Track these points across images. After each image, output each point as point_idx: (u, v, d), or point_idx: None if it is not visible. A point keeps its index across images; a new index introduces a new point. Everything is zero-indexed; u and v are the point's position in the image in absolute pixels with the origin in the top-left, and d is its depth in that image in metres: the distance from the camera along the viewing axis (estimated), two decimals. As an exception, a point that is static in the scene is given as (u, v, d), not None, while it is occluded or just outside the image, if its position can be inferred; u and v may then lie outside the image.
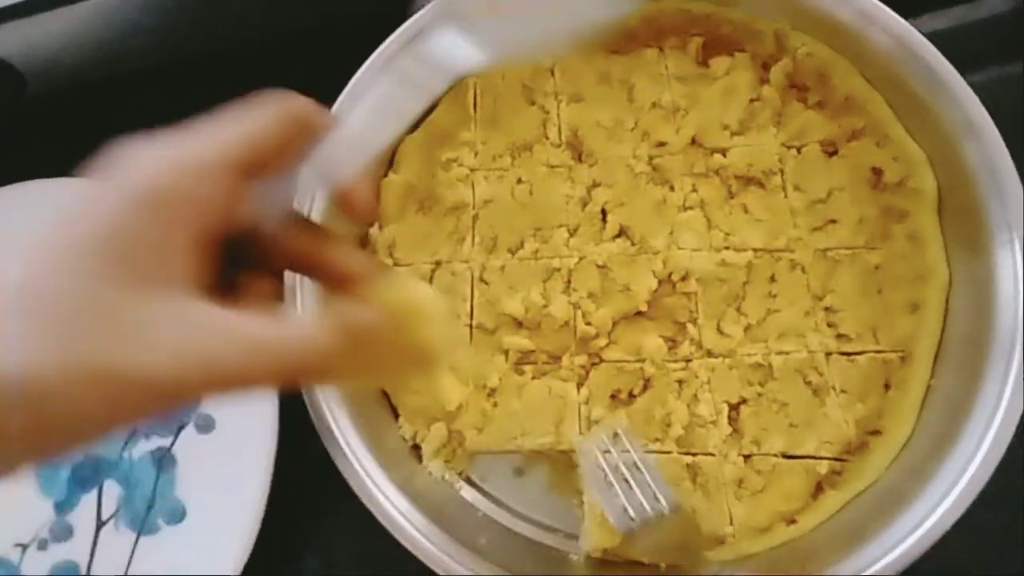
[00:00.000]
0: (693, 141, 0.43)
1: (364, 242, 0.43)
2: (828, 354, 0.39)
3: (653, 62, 0.44)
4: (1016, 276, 0.35)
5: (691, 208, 0.42)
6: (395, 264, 0.43)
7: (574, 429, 0.39)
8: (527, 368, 0.41)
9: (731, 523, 0.38)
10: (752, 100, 0.43)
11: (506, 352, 0.41)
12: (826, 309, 0.40)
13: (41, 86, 0.52)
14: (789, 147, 0.42)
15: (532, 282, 0.41)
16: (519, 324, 0.41)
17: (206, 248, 0.23)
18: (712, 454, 0.39)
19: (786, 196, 0.41)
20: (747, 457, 0.39)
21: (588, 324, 0.40)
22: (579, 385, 0.40)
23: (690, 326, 0.40)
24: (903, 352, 0.39)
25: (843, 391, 0.39)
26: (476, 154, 0.44)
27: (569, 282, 0.41)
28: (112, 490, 0.45)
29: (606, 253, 0.41)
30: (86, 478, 0.45)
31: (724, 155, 0.42)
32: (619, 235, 0.42)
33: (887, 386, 0.39)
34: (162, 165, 0.23)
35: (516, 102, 0.44)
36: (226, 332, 0.22)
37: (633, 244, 0.41)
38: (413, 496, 0.36)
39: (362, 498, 0.36)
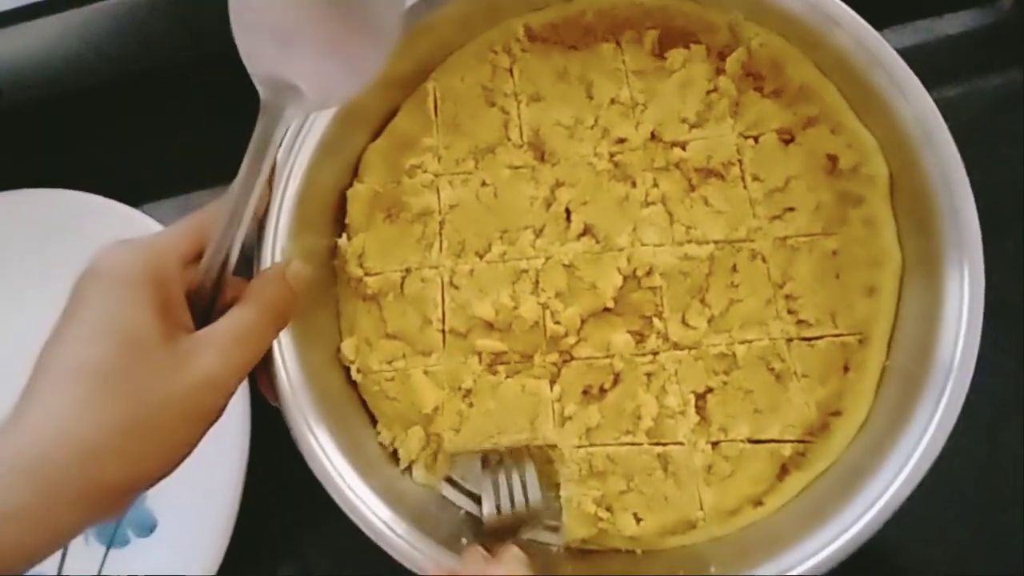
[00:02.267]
0: (652, 136, 0.43)
1: (333, 253, 0.44)
2: (789, 340, 0.41)
3: (610, 57, 0.44)
4: (962, 275, 0.36)
5: (653, 203, 0.42)
6: (365, 274, 0.43)
7: (549, 424, 0.41)
8: (500, 368, 0.42)
9: (701, 508, 0.40)
10: (709, 92, 0.43)
11: (479, 354, 0.42)
12: (786, 296, 0.41)
13: (17, 96, 0.52)
14: (747, 137, 0.43)
15: (501, 285, 0.42)
16: (490, 326, 0.42)
17: (177, 302, 0.32)
18: (681, 443, 0.40)
19: (745, 187, 0.42)
20: (715, 444, 0.40)
21: (557, 323, 0.41)
22: (552, 383, 0.42)
23: (656, 320, 0.41)
24: (861, 335, 0.40)
25: (804, 375, 0.40)
26: (439, 159, 0.44)
27: (537, 283, 0.42)
28: None
29: (572, 252, 0.42)
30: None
31: (683, 148, 0.43)
32: (584, 234, 0.43)
33: (846, 368, 0.40)
34: (153, 254, 0.32)
35: (476, 105, 0.45)
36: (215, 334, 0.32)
37: (598, 242, 0.42)
38: (392, 500, 0.38)
39: (338, 501, 0.37)
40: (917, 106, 0.38)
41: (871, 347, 0.40)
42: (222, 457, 0.45)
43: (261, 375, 0.39)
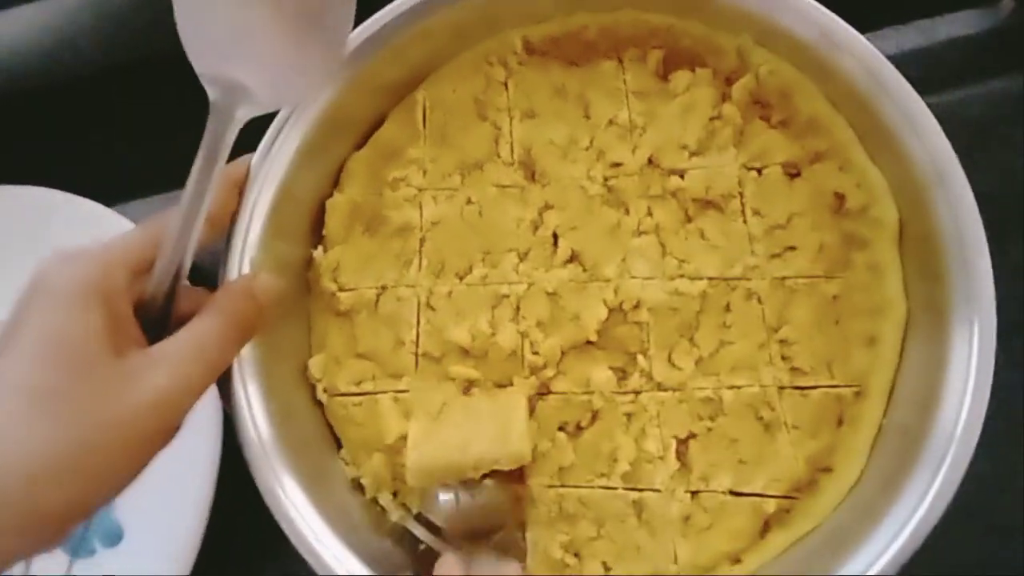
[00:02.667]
0: (650, 161, 0.41)
1: (308, 265, 0.42)
2: (781, 388, 0.38)
3: (611, 75, 0.42)
4: (971, 332, 0.34)
5: (645, 233, 0.40)
6: (339, 289, 0.41)
7: (526, 442, 0.38)
8: (475, 391, 0.40)
9: (675, 561, 0.37)
10: (712, 118, 0.41)
11: (453, 379, 0.40)
12: (781, 341, 0.39)
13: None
14: (750, 168, 0.40)
15: (480, 309, 0.40)
16: (465, 352, 0.40)
17: (125, 317, 0.30)
18: (658, 490, 0.38)
19: (745, 221, 0.40)
20: (694, 494, 0.38)
21: (536, 354, 0.39)
22: (531, 408, 0.39)
23: (640, 357, 0.39)
24: (858, 387, 0.38)
25: (795, 427, 0.38)
26: (424, 172, 0.42)
27: (518, 309, 0.40)
28: None
29: (556, 280, 0.40)
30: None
31: (682, 177, 0.40)
32: (570, 260, 0.40)
33: (840, 422, 0.38)
34: (97, 267, 0.30)
35: (467, 117, 0.43)
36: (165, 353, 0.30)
37: (584, 270, 0.40)
38: (347, 532, 0.36)
39: (286, 530, 0.35)
40: (931, 146, 0.36)
41: (868, 401, 0.37)
42: (192, 464, 0.43)
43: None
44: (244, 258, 0.38)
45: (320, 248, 0.42)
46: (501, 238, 0.41)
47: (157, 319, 0.32)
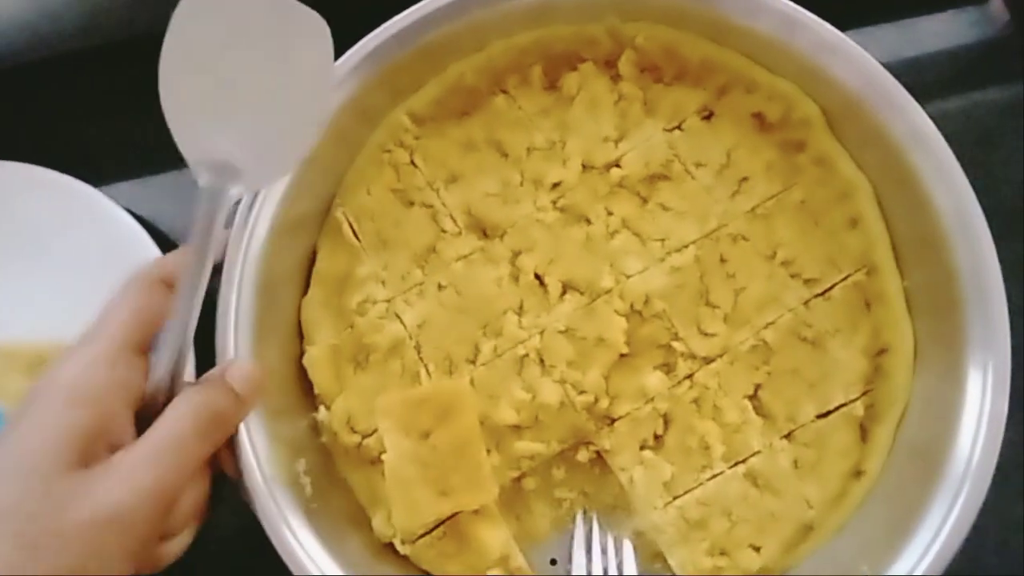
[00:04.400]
0: (584, 167, 0.41)
1: (316, 431, 0.38)
2: (806, 303, 0.39)
3: (505, 109, 0.41)
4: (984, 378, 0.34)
5: (616, 232, 0.40)
6: (363, 437, 0.38)
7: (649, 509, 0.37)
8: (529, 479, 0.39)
9: (810, 506, 0.37)
10: (616, 102, 0.41)
11: (518, 460, 0.38)
12: (783, 263, 0.40)
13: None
14: (671, 130, 0.41)
15: (509, 381, 0.38)
16: (518, 429, 0.38)
17: (117, 417, 0.29)
18: (759, 451, 0.38)
19: (693, 177, 0.40)
20: (789, 436, 0.38)
21: (583, 393, 0.38)
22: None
23: (675, 343, 0.39)
24: (865, 267, 0.39)
25: (837, 330, 0.39)
26: (383, 283, 0.40)
27: (543, 362, 0.39)
28: None
29: (562, 316, 0.39)
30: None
31: (619, 166, 0.40)
32: (564, 292, 0.39)
33: (868, 304, 0.39)
34: (78, 368, 0.29)
35: (395, 211, 0.41)
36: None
37: (582, 294, 0.39)
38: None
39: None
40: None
41: (881, 274, 0.39)
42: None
43: (225, 457, 0.34)
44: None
45: (321, 409, 0.38)
46: (490, 305, 0.39)
47: (158, 412, 0.30)
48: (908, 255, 0.38)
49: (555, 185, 0.40)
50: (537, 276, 0.40)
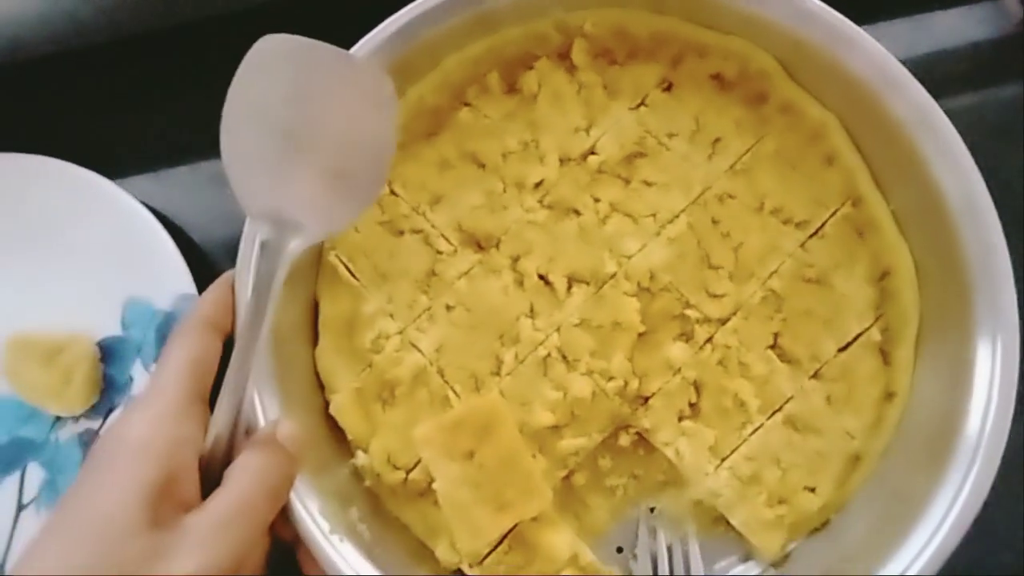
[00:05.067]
0: (561, 161, 0.41)
1: (359, 476, 0.38)
2: (802, 245, 0.40)
3: (471, 121, 0.42)
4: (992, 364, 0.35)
5: (608, 217, 0.40)
6: (407, 472, 0.38)
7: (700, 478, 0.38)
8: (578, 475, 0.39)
9: (852, 436, 0.38)
10: (578, 91, 0.42)
11: (564, 459, 0.38)
12: (772, 212, 0.40)
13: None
14: (637, 107, 0.42)
15: (537, 384, 0.38)
16: (557, 428, 0.38)
17: (184, 473, 0.29)
18: (791, 397, 0.38)
19: (668, 149, 0.41)
20: (816, 375, 0.39)
21: (612, 379, 0.38)
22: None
23: (689, 311, 0.39)
24: (851, 198, 0.40)
25: (837, 265, 0.40)
26: (392, 315, 0.39)
27: (565, 358, 0.39)
28: (35, 473, 0.43)
29: (574, 310, 0.39)
30: (9, 460, 0.43)
31: (595, 153, 0.41)
32: (571, 287, 0.40)
33: (860, 234, 0.40)
34: (144, 423, 0.30)
35: (387, 242, 0.40)
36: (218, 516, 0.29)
37: (589, 284, 0.40)
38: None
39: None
40: (917, 108, 0.37)
41: (866, 204, 0.40)
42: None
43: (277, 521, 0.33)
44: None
45: (359, 454, 0.38)
46: (501, 314, 0.39)
47: (219, 470, 0.30)
48: (889, 180, 0.39)
49: (538, 184, 0.41)
50: (541, 276, 0.40)
